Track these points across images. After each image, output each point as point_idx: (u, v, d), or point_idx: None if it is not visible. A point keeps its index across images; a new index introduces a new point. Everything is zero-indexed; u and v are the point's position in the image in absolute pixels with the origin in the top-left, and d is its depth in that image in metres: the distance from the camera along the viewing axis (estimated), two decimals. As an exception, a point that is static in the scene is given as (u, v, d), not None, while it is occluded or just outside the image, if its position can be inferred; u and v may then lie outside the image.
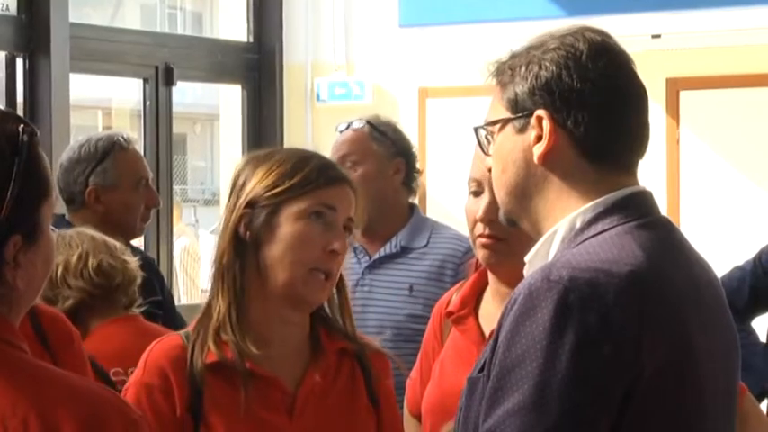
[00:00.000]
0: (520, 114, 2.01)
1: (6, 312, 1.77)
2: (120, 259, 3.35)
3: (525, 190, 2.03)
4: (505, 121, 2.03)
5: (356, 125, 4.10)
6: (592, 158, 1.99)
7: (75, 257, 3.28)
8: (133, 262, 3.40)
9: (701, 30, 6.38)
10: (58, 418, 1.70)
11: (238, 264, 2.51)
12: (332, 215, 2.52)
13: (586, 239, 1.95)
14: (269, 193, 2.50)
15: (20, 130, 1.77)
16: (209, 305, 2.55)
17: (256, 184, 2.52)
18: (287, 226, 2.49)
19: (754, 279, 3.92)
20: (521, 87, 2.01)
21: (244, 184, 2.54)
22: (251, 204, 2.51)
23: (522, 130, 2.01)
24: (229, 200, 2.57)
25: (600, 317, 1.84)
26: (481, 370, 1.95)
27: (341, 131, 4.14)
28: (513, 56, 2.05)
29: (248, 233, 2.51)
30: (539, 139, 1.99)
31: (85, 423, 1.71)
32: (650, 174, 6.63)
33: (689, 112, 6.93)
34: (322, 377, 2.54)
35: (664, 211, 6.45)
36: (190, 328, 2.56)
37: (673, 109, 6.93)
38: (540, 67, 1.99)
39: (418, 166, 4.16)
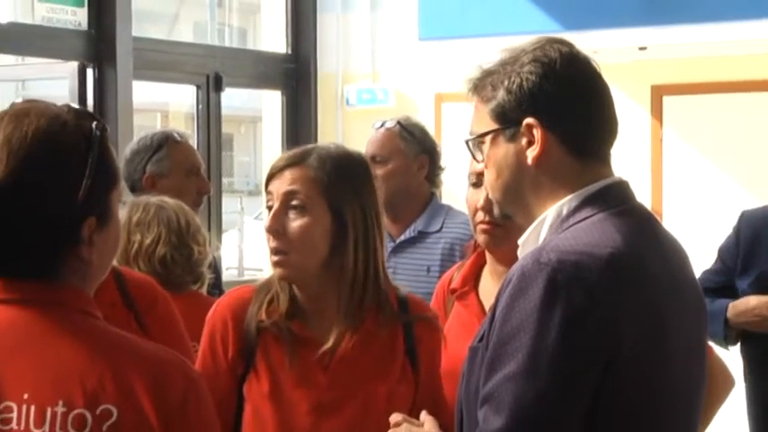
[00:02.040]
0: (509, 124, 2.00)
1: (82, 285, 1.78)
2: (187, 248, 3.34)
3: (520, 190, 2.02)
4: (496, 132, 2.02)
5: (389, 124, 4.12)
6: (577, 154, 1.99)
7: (148, 241, 3.28)
8: (203, 243, 3.40)
9: (682, 42, 6.35)
10: (129, 376, 1.70)
11: None
12: (270, 201, 2.54)
13: (571, 225, 1.95)
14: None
15: (93, 126, 1.78)
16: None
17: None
18: None
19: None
20: (506, 100, 2.00)
21: None
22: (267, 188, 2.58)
23: (512, 138, 2.00)
24: None
25: (584, 294, 1.84)
26: (481, 340, 1.95)
27: (376, 128, 4.16)
28: (489, 72, 2.03)
29: None
30: (530, 144, 1.98)
31: (152, 381, 1.71)
32: (636, 169, 6.69)
33: (671, 115, 6.90)
34: (359, 338, 2.53)
35: (648, 202, 6.45)
36: (262, 280, 2.59)
37: (657, 112, 6.89)
38: (522, 80, 1.98)
39: (442, 163, 4.17)
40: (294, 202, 2.50)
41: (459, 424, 2.01)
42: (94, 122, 1.78)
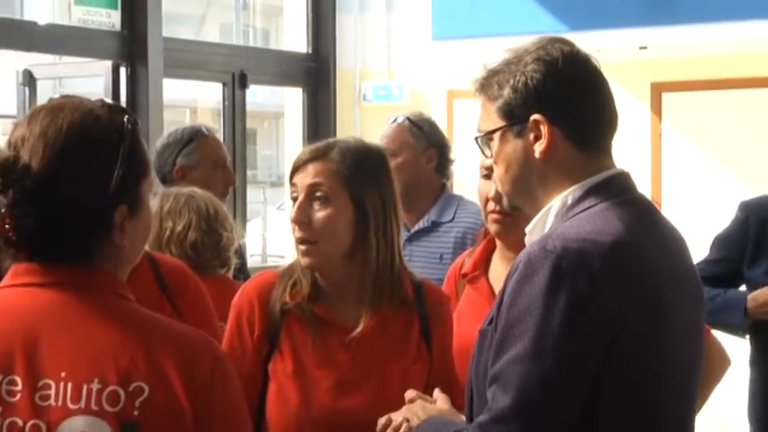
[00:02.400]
0: (517, 121, 2.00)
1: (115, 269, 1.79)
2: (216, 234, 3.35)
3: (528, 182, 2.02)
4: (504, 129, 2.01)
5: (399, 120, 4.13)
6: (581, 147, 2.00)
7: (179, 228, 3.30)
8: (230, 230, 3.41)
9: (680, 42, 6.33)
10: (161, 355, 1.71)
11: None
12: (295, 193, 2.55)
13: (576, 214, 1.96)
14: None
15: (125, 120, 1.78)
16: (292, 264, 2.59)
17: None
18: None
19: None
20: (513, 98, 1.99)
21: None
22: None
23: (520, 133, 2.00)
24: None
25: (588, 280, 1.84)
26: (490, 323, 1.95)
27: (390, 124, 4.17)
28: (495, 72, 2.03)
29: None
30: (537, 138, 1.98)
31: (182, 360, 1.71)
32: (637, 162, 6.68)
33: (669, 111, 6.87)
34: (378, 322, 2.53)
35: (648, 193, 6.43)
36: (285, 266, 2.59)
37: (656, 108, 6.87)
38: (527, 78, 1.98)
39: (452, 156, 4.17)
40: (318, 194, 2.50)
41: (469, 402, 2.02)
42: (126, 117, 1.78)
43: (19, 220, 1.71)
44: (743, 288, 3.73)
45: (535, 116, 1.98)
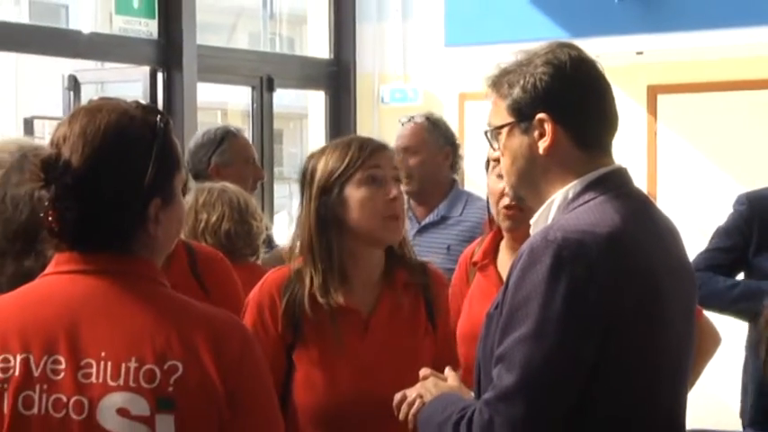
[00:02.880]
0: (524, 119, 2.00)
1: (150, 256, 1.79)
2: (248, 224, 3.35)
3: (532, 176, 2.02)
4: (512, 125, 2.02)
5: (417, 119, 4.11)
6: (582, 145, 1.99)
7: (214, 218, 3.31)
8: (260, 220, 3.42)
9: (674, 48, 6.31)
10: (193, 336, 1.71)
11: (324, 236, 2.50)
12: (381, 173, 2.51)
13: (576, 207, 1.95)
14: (332, 179, 2.50)
15: (157, 120, 1.78)
16: (304, 260, 2.53)
17: (321, 176, 2.51)
18: (355, 195, 2.49)
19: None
20: (522, 97, 1.99)
21: (312, 179, 2.53)
22: (323, 191, 2.50)
23: (526, 130, 2.00)
24: (303, 194, 2.55)
25: (586, 268, 1.84)
26: (496, 308, 1.95)
27: (403, 123, 4.15)
28: (506, 72, 2.03)
29: (327, 211, 2.50)
30: (541, 136, 1.98)
31: (213, 339, 1.72)
32: (634, 159, 6.65)
33: (664, 111, 6.86)
34: (390, 305, 2.53)
35: (644, 187, 6.40)
36: (298, 261, 2.54)
37: (652, 108, 6.85)
38: (536, 80, 1.98)
39: (462, 153, 4.16)
40: None
41: (477, 381, 2.01)
42: (158, 116, 1.78)
43: (61, 213, 1.71)
44: (741, 276, 3.69)
45: (541, 115, 1.98)
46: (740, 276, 3.72)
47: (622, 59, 6.44)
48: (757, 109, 6.53)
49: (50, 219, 1.72)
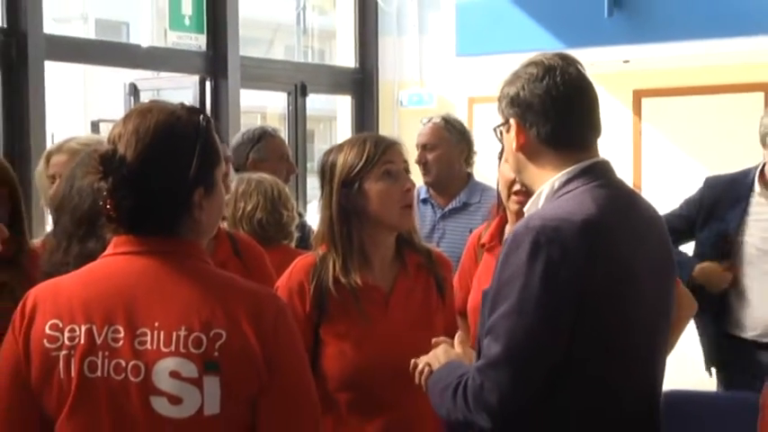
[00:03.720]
0: (505, 121, 2.03)
1: (195, 239, 1.79)
2: (279, 213, 3.32)
3: (520, 168, 2.05)
4: (501, 126, 2.05)
5: (436, 120, 4.10)
6: (553, 145, 1.98)
7: (249, 208, 3.29)
8: (291, 209, 3.40)
9: (656, 57, 6.28)
10: (234, 307, 1.71)
11: (346, 224, 2.48)
12: (394, 167, 2.49)
13: (561, 196, 1.95)
14: (352, 174, 2.47)
15: (200, 119, 1.78)
16: (327, 247, 2.51)
17: (341, 171, 2.49)
18: (374, 188, 2.47)
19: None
20: (504, 103, 2.03)
21: (332, 174, 2.50)
22: (344, 184, 2.48)
23: (508, 131, 2.02)
24: (323, 187, 2.52)
25: (560, 251, 1.83)
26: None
27: (424, 123, 4.14)
28: (505, 81, 2.06)
29: (348, 203, 2.48)
30: (516, 136, 2.00)
31: (252, 310, 1.72)
32: (621, 155, 6.61)
33: (648, 113, 6.84)
34: (407, 284, 2.52)
35: (630, 181, 6.33)
36: (322, 249, 2.52)
37: (637, 111, 6.83)
38: (512, 88, 2.01)
39: (475, 149, 4.16)
40: None
41: (477, 350, 2.01)
42: (201, 116, 1.78)
43: (118, 202, 1.72)
44: (695, 258, 3.68)
45: (511, 120, 2.01)
46: (689, 247, 3.74)
47: (611, 67, 6.42)
48: (730, 110, 6.50)
49: (108, 207, 1.73)
